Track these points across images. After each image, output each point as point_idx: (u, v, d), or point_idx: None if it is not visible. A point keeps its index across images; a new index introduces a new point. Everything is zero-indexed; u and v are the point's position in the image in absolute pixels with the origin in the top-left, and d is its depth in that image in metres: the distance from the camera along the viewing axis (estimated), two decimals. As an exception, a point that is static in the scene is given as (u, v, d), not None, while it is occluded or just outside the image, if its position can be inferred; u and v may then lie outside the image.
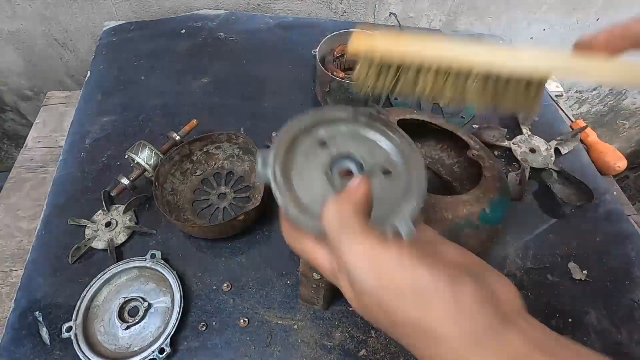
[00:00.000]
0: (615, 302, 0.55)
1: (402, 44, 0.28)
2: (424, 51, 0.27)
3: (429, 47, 0.27)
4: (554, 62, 0.25)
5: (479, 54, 0.26)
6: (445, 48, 0.27)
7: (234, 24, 0.89)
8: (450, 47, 0.27)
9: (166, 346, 0.46)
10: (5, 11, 0.91)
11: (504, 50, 0.26)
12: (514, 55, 0.26)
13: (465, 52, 0.27)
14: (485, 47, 0.27)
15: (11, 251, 0.65)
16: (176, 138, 0.61)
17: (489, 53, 0.26)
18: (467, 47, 0.27)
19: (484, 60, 0.26)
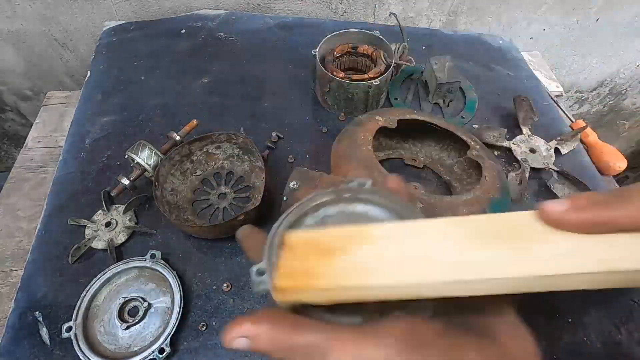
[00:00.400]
0: (615, 302, 0.55)
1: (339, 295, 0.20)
2: (358, 292, 0.20)
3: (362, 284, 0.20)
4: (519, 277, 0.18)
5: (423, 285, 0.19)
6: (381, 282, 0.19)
7: (234, 24, 0.89)
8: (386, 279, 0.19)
9: (166, 346, 0.46)
10: (5, 11, 0.91)
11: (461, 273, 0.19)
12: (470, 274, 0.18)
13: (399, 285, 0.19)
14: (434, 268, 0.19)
15: (11, 251, 0.65)
16: (176, 138, 0.61)
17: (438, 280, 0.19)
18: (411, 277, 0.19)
19: (430, 291, 0.19)
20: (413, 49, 0.81)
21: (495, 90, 0.81)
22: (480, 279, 0.18)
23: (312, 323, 0.20)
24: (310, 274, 0.20)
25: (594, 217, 0.18)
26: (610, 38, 1.15)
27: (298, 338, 0.19)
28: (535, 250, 0.18)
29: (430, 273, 0.19)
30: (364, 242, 0.21)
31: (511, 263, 0.18)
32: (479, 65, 0.86)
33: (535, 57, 0.99)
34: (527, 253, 0.18)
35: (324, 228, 0.22)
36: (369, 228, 0.21)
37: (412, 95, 0.78)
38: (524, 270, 0.18)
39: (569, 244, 0.18)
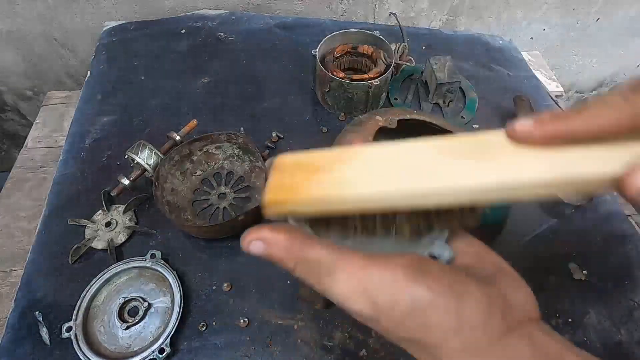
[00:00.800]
0: (615, 302, 0.55)
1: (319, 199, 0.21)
2: (339, 205, 0.21)
3: (343, 196, 0.21)
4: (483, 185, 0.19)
5: (398, 195, 0.20)
6: (360, 194, 0.20)
7: (234, 24, 0.89)
8: (365, 191, 0.20)
9: (166, 346, 0.46)
10: (5, 11, 0.91)
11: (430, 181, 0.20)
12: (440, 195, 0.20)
13: (377, 198, 0.20)
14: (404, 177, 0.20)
15: (11, 251, 0.65)
16: (176, 138, 0.61)
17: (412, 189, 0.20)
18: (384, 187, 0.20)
19: (405, 202, 0.20)
20: (413, 49, 0.81)
21: (495, 90, 0.81)
22: (451, 187, 0.19)
23: (325, 242, 0.21)
24: (296, 188, 0.22)
25: (554, 130, 0.19)
26: (610, 38, 1.15)
27: (310, 251, 0.20)
28: (503, 162, 0.19)
29: (405, 183, 0.20)
30: (346, 161, 0.22)
31: (480, 172, 0.19)
32: (479, 65, 0.86)
33: (535, 57, 0.99)
34: (495, 164, 0.20)
35: (311, 152, 0.23)
36: (352, 149, 0.22)
37: (412, 95, 0.78)
38: (489, 178, 0.19)
39: (531, 156, 0.19)
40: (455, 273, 0.20)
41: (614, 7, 1.06)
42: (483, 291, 0.19)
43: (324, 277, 0.20)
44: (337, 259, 0.20)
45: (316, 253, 0.20)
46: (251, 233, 0.21)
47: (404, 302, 0.19)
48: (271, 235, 0.21)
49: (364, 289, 0.19)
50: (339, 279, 0.20)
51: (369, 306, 0.19)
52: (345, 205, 0.21)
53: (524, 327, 0.20)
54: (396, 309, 0.19)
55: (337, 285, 0.20)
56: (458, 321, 0.19)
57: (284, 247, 0.21)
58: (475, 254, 0.23)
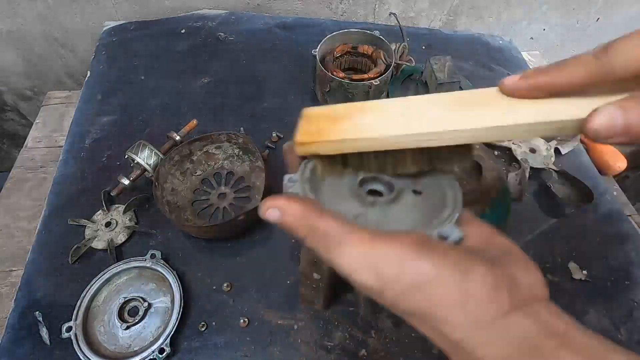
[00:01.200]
0: (615, 302, 0.55)
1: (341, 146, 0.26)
2: (358, 143, 0.25)
3: (365, 140, 0.25)
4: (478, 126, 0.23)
5: (400, 136, 0.24)
6: (376, 135, 0.25)
7: (234, 24, 0.89)
8: (379, 133, 0.25)
9: (166, 346, 0.46)
10: (5, 11, 0.91)
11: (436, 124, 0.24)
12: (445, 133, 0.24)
13: (389, 136, 0.25)
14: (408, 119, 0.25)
15: (11, 251, 0.65)
16: (176, 138, 0.61)
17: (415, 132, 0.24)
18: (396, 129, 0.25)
19: (410, 142, 0.24)
20: (413, 49, 0.81)
21: (495, 90, 0.81)
22: (447, 130, 0.23)
23: (336, 215, 0.22)
24: (322, 132, 0.26)
25: (537, 82, 0.22)
26: (610, 38, 1.14)
27: (320, 222, 0.21)
28: (492, 110, 0.24)
29: (414, 126, 0.24)
30: (365, 112, 0.26)
31: (473, 118, 0.23)
32: (479, 65, 0.86)
33: (535, 57, 0.99)
34: (486, 111, 0.24)
35: (332, 106, 0.28)
36: (368, 103, 0.27)
37: (412, 95, 0.78)
38: (480, 123, 0.23)
39: (518, 105, 0.23)
40: (461, 251, 0.21)
41: (614, 7, 1.06)
42: (490, 269, 0.20)
43: (333, 248, 0.21)
44: (346, 232, 0.21)
45: (327, 224, 0.21)
46: (269, 201, 0.23)
47: (409, 276, 0.19)
48: (286, 204, 0.22)
49: (370, 262, 0.20)
50: (346, 251, 0.20)
51: (373, 278, 0.20)
52: (362, 143, 0.25)
53: (530, 305, 0.20)
54: (401, 282, 0.20)
55: (344, 256, 0.21)
56: (462, 295, 0.19)
57: (297, 216, 0.22)
58: (485, 237, 0.23)
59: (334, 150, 0.26)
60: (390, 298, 0.20)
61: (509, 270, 0.21)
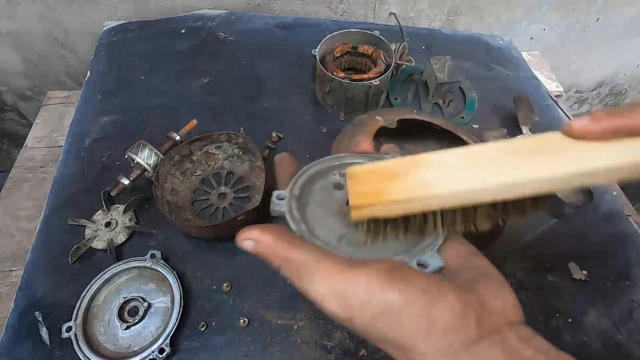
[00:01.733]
0: (615, 302, 0.55)
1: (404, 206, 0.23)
2: (429, 203, 0.23)
3: (431, 198, 0.23)
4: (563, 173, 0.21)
5: (476, 191, 0.22)
6: (444, 196, 0.23)
7: (234, 24, 0.89)
8: (451, 188, 0.22)
9: (166, 346, 0.46)
10: (5, 11, 0.91)
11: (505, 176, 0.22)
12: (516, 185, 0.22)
13: (464, 191, 0.22)
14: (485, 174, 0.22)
15: (11, 251, 0.65)
16: (176, 138, 0.61)
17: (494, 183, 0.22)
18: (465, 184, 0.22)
19: (485, 196, 0.22)
20: (413, 49, 0.81)
21: (495, 90, 0.81)
22: (530, 179, 0.21)
23: (309, 245, 0.22)
24: (380, 192, 0.23)
25: (611, 125, 0.21)
26: (610, 38, 1.15)
27: (292, 253, 0.22)
28: (568, 155, 0.21)
29: (488, 178, 0.22)
30: (422, 167, 0.24)
31: (549, 165, 0.21)
32: (479, 65, 0.86)
33: (535, 57, 0.99)
34: (561, 157, 0.21)
35: (381, 161, 0.25)
36: (425, 156, 0.24)
37: (412, 95, 0.78)
38: (561, 169, 0.21)
39: (593, 148, 0.21)
40: (431, 278, 0.21)
41: (614, 7, 1.06)
42: (459, 296, 0.20)
43: (305, 277, 0.21)
44: (318, 262, 0.21)
45: (299, 255, 0.22)
46: (244, 232, 0.23)
47: (375, 305, 0.20)
48: (260, 236, 0.23)
49: (338, 292, 0.20)
50: (316, 281, 0.21)
51: (342, 308, 0.20)
52: (431, 204, 0.23)
53: (499, 333, 0.20)
54: (368, 311, 0.20)
55: (315, 286, 0.21)
56: (429, 325, 0.19)
57: (270, 247, 0.22)
58: (462, 258, 0.23)
59: (399, 212, 0.23)
60: (359, 326, 0.20)
61: (482, 294, 0.21)
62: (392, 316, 0.19)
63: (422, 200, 0.23)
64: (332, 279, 0.21)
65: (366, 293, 0.20)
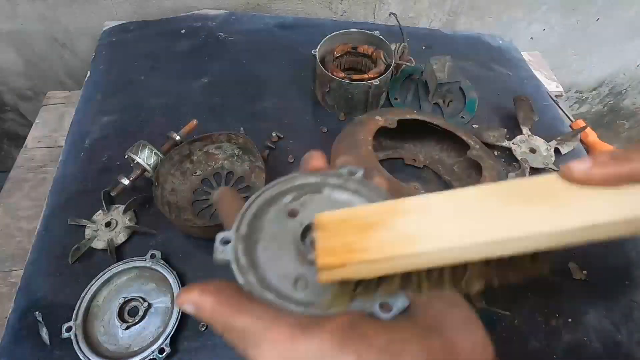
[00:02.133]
0: (615, 302, 0.55)
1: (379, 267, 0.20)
2: (411, 260, 0.20)
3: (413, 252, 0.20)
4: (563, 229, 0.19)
5: (467, 247, 0.19)
6: (433, 248, 0.20)
7: (234, 24, 0.89)
8: (437, 245, 0.20)
9: (166, 346, 0.46)
10: (5, 11, 0.91)
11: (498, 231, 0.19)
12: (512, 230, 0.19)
13: (453, 248, 0.20)
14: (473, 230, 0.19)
15: (11, 251, 0.65)
16: (176, 138, 0.61)
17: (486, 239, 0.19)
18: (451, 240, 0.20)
19: (478, 254, 0.19)
20: (413, 49, 0.81)
21: (495, 90, 0.81)
22: (522, 235, 0.19)
23: (255, 308, 0.20)
24: (353, 248, 0.20)
25: (616, 170, 0.19)
26: (610, 38, 1.15)
27: (236, 320, 0.20)
28: (569, 205, 0.19)
29: (474, 233, 0.19)
30: (401, 214, 0.20)
31: (549, 217, 0.19)
32: (479, 65, 0.86)
33: (535, 57, 0.99)
34: (562, 207, 0.19)
35: (354, 207, 0.22)
36: (403, 202, 0.21)
37: (412, 95, 0.78)
38: (562, 223, 0.18)
39: (597, 196, 0.19)
40: (393, 331, 0.19)
41: (614, 7, 1.06)
42: (423, 345, 0.18)
43: (249, 347, 0.19)
44: (264, 328, 0.19)
45: (243, 321, 0.20)
46: (183, 293, 0.21)
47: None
48: (199, 299, 0.20)
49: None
50: (264, 350, 0.19)
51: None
52: (413, 263, 0.19)
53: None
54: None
55: (262, 356, 0.19)
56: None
57: (210, 313, 0.20)
58: (422, 303, 0.21)
59: (375, 272, 0.20)
60: None
61: (449, 333, 0.19)
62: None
63: (403, 259, 0.19)
64: (281, 348, 0.18)
65: (319, 358, 0.18)
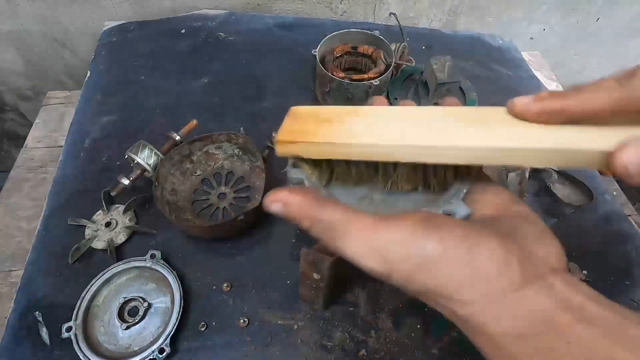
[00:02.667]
0: (615, 302, 0.55)
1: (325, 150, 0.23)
2: (350, 152, 0.23)
3: (354, 146, 0.23)
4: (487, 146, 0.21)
5: (399, 146, 0.22)
6: (369, 146, 0.22)
7: (234, 24, 0.89)
8: (369, 141, 0.22)
9: (166, 346, 0.46)
10: (5, 11, 0.91)
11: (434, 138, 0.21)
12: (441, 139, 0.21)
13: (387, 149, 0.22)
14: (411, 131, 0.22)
15: (11, 251, 0.65)
16: (176, 138, 0.61)
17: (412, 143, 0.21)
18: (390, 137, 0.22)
19: (405, 154, 0.22)
20: (413, 49, 0.81)
21: (495, 90, 0.81)
22: (448, 146, 0.21)
23: (338, 204, 0.22)
24: (307, 133, 0.24)
25: (550, 106, 0.20)
26: (610, 38, 1.15)
27: (323, 213, 0.21)
28: (499, 130, 0.21)
29: (413, 137, 0.22)
30: (359, 116, 0.24)
31: (478, 136, 0.21)
32: (479, 65, 0.86)
33: (535, 57, 0.99)
34: (492, 131, 0.21)
35: (325, 106, 0.26)
36: (365, 107, 0.25)
37: (412, 95, 0.78)
38: (486, 142, 0.21)
39: (527, 128, 0.21)
40: (469, 225, 0.20)
41: (614, 7, 1.06)
42: (500, 242, 0.19)
43: (338, 237, 0.21)
44: (350, 220, 0.21)
45: (329, 214, 0.21)
46: (272, 194, 0.23)
47: (414, 257, 0.19)
48: (289, 197, 0.22)
49: (375, 247, 0.20)
50: (351, 238, 0.20)
51: (380, 264, 0.20)
52: (350, 150, 0.23)
53: (544, 278, 0.19)
54: (407, 263, 0.19)
55: (349, 245, 0.20)
56: (471, 272, 0.19)
57: (300, 207, 0.22)
58: (502, 205, 0.23)
59: (317, 154, 0.24)
60: (399, 280, 0.20)
61: (523, 241, 0.20)
62: (432, 266, 0.19)
63: (339, 147, 0.23)
64: (366, 235, 0.20)
65: (403, 245, 0.19)
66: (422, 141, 0.21)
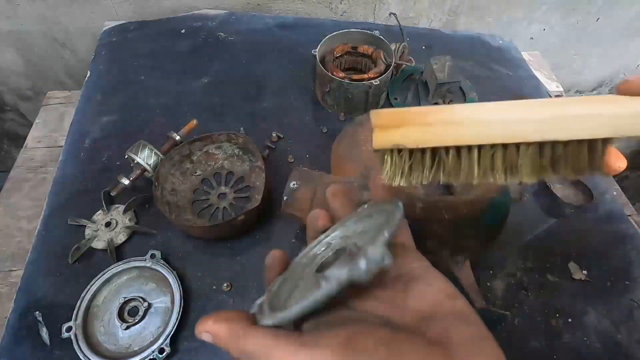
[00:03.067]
0: (615, 302, 0.55)
1: (434, 130, 0.21)
2: (463, 133, 0.21)
3: (467, 126, 0.21)
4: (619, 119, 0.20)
5: (526, 125, 0.20)
6: (485, 123, 0.21)
7: (234, 24, 0.89)
8: (491, 121, 0.21)
9: (166, 346, 0.46)
10: (5, 11, 0.91)
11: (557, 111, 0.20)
12: (570, 119, 0.20)
13: (508, 125, 0.20)
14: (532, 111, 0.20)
15: (11, 251, 0.65)
16: (176, 138, 0.61)
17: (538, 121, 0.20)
18: (510, 115, 0.21)
19: (533, 133, 0.20)
20: (413, 49, 0.81)
21: (495, 90, 0.81)
22: (579, 114, 0.20)
23: (259, 331, 0.21)
24: (408, 120, 0.22)
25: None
26: (610, 38, 1.15)
27: (247, 343, 0.21)
28: (622, 102, 0.20)
29: (527, 114, 0.20)
30: (449, 110, 0.22)
31: (605, 108, 0.20)
32: (479, 65, 0.86)
33: (535, 57, 0.99)
34: (616, 102, 0.20)
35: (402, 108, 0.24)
36: (449, 106, 0.23)
37: (412, 95, 0.78)
38: (622, 110, 0.20)
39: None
40: (396, 343, 0.19)
41: (614, 7, 1.06)
42: (426, 354, 0.18)
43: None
44: (271, 347, 0.20)
45: (252, 344, 0.21)
46: (200, 323, 0.23)
47: None
48: (213, 326, 0.22)
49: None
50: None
51: None
52: (469, 134, 0.21)
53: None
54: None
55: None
56: None
57: (225, 339, 0.22)
58: (436, 299, 0.22)
59: (424, 140, 0.21)
60: None
61: (456, 350, 0.19)
62: None
63: (454, 128, 0.20)
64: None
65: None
66: (548, 113, 0.19)
